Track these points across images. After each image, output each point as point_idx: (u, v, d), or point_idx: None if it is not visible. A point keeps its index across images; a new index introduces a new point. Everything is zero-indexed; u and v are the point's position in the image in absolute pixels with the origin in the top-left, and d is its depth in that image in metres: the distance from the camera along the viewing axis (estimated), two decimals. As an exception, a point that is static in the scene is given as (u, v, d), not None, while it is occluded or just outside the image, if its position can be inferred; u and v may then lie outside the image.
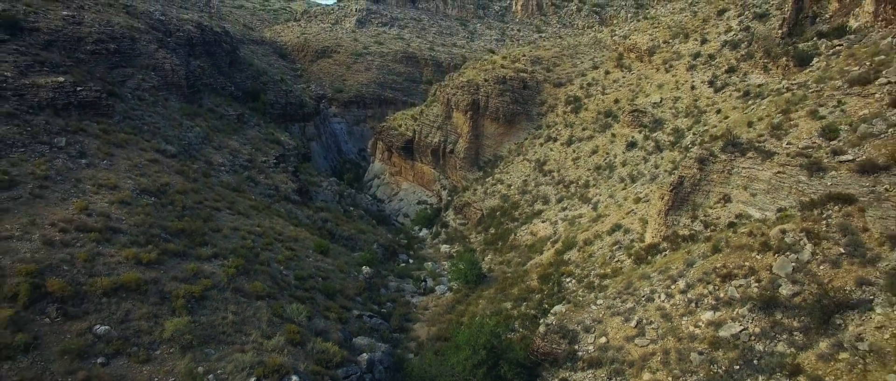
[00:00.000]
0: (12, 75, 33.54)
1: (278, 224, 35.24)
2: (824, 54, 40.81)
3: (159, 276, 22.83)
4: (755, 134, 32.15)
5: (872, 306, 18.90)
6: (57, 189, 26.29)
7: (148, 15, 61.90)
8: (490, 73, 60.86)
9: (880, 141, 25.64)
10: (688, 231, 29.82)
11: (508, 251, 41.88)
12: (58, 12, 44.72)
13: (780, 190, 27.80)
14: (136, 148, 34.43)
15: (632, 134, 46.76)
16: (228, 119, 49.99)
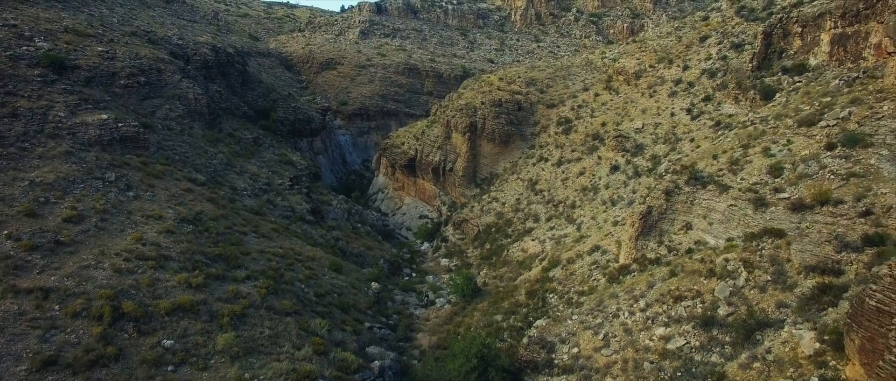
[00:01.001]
0: (65, 115, 38.63)
1: (297, 245, 40.31)
2: (785, 90, 45.93)
3: (206, 297, 27.88)
4: (716, 168, 37.19)
5: (784, 325, 23.87)
6: (115, 221, 31.35)
7: (167, 40, 67.08)
8: (487, 95, 65.88)
9: (812, 182, 30.64)
10: (654, 255, 34.80)
11: (501, 266, 46.90)
12: (94, 48, 49.82)
13: (731, 221, 32.77)
14: (172, 178, 39.50)
15: (615, 157, 51.72)
16: (245, 143, 55.10)
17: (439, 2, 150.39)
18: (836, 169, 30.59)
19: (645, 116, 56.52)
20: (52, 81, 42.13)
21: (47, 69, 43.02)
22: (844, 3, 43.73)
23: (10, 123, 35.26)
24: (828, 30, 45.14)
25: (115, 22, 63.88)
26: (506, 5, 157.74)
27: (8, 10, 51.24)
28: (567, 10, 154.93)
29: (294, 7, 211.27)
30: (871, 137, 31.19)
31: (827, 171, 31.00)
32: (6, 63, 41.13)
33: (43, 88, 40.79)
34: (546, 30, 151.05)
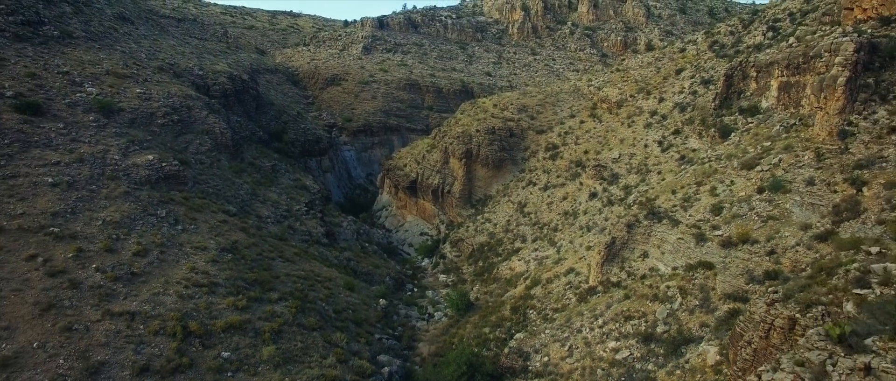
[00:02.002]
0: (119, 158, 46.13)
1: (316, 267, 47.77)
2: (740, 130, 53.31)
3: (250, 317, 35.39)
4: (671, 204, 44.64)
5: (701, 341, 31.27)
6: (171, 253, 38.84)
7: (189, 72, 74.56)
8: (482, 123, 73.27)
9: (741, 222, 38.08)
10: (616, 278, 42.20)
11: (492, 283, 54.38)
12: (133, 90, 57.36)
13: (678, 252, 40.18)
14: (209, 211, 46.99)
15: (594, 185, 59.10)
16: (265, 171, 62.58)
17: (439, 16, 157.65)
18: (760, 211, 38.02)
19: (622, 145, 63.90)
20: (103, 124, 49.63)
21: (99, 114, 50.56)
22: (789, 55, 51.24)
23: (79, 167, 42.74)
24: (776, 77, 52.51)
25: (144, 57, 71.32)
26: (504, 18, 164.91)
27: (56, 55, 58.81)
28: (563, 23, 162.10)
29: (297, 15, 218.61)
30: (791, 184, 38.57)
31: (754, 212, 38.43)
32: (67, 111, 48.70)
33: (98, 132, 48.29)
34: (542, 43, 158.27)
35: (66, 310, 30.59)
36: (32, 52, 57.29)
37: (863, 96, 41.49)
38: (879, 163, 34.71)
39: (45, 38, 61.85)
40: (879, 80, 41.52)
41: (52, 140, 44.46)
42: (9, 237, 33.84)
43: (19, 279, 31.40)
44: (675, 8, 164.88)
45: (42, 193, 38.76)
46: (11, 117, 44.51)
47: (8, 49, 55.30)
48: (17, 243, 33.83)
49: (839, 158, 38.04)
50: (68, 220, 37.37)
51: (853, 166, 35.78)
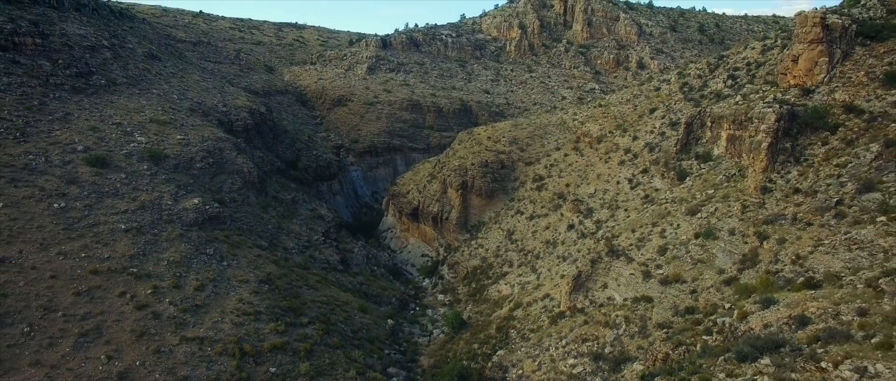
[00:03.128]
0: (171, 203, 56.68)
1: (334, 292, 58.31)
2: (694, 175, 63.55)
3: (288, 339, 45.94)
4: (628, 243, 55.03)
5: (635, 361, 41.59)
6: (221, 286, 49.40)
7: (215, 110, 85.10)
8: (477, 156, 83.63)
9: (677, 263, 48.42)
10: (581, 306, 52.57)
11: (483, 303, 64.84)
12: (174, 136, 67.91)
13: (629, 285, 50.54)
14: (245, 246, 57.55)
15: (572, 218, 69.45)
16: (286, 204, 73.14)
17: (440, 35, 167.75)
18: (693, 255, 48.37)
19: (598, 180, 74.21)
20: (155, 172, 60.19)
21: (150, 162, 61.10)
22: (735, 112, 61.40)
23: (142, 214, 53.30)
24: (726, 129, 62.61)
25: (176, 98, 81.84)
26: (501, 36, 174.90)
27: (107, 105, 69.41)
28: (558, 41, 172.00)
29: (302, 28, 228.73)
30: (719, 232, 48.87)
31: (688, 255, 48.78)
32: (125, 161, 59.27)
33: (151, 179, 58.86)
34: (538, 60, 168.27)
35: (154, 336, 41.20)
36: (88, 103, 67.96)
37: (781, 158, 51.81)
38: (780, 220, 45.00)
39: (96, 87, 72.54)
40: (796, 144, 51.79)
41: (118, 190, 55.03)
42: (103, 278, 44.44)
43: (117, 312, 42.01)
44: (665, 26, 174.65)
45: (119, 238, 49.34)
46: (86, 171, 55.12)
47: (69, 102, 66.00)
48: (110, 282, 44.44)
49: (756, 212, 48.36)
50: (142, 261, 47.96)
51: (762, 221, 46.08)
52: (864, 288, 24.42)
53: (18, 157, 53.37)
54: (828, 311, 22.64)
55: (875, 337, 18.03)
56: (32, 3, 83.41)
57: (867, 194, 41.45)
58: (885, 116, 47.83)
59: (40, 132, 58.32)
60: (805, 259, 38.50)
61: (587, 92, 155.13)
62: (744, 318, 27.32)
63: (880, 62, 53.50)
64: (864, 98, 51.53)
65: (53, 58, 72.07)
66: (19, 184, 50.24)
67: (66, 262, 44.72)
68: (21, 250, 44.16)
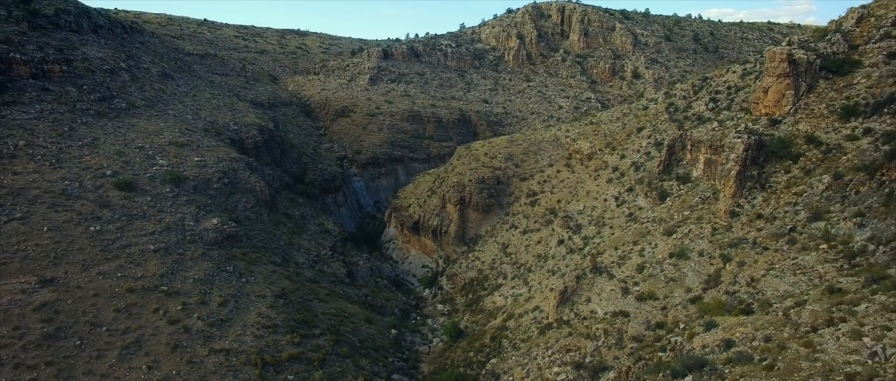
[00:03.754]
0: (193, 224, 62.57)
1: (342, 304, 64.22)
2: (674, 195, 69.32)
3: (303, 350, 51.87)
4: (611, 260, 60.88)
5: (611, 370, 47.44)
6: (242, 302, 55.33)
7: (227, 128, 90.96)
8: (474, 172, 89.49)
9: (652, 281, 54.29)
10: (567, 318, 58.44)
11: (478, 314, 70.75)
12: (192, 158, 73.78)
13: (610, 301, 56.40)
14: (261, 263, 63.47)
15: (562, 233, 75.28)
16: (296, 219, 79.03)
17: (440, 45, 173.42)
18: (667, 273, 54.23)
19: (588, 197, 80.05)
20: (177, 193, 66.07)
21: (172, 184, 66.95)
22: (711, 137, 67.14)
23: (168, 235, 59.19)
24: (703, 153, 68.37)
25: (190, 118, 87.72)
26: (500, 46, 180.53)
27: (127, 128, 75.28)
28: (555, 50, 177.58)
29: (304, 34, 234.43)
30: (690, 253, 54.61)
31: (663, 274, 54.64)
32: (150, 184, 65.16)
33: (174, 201, 64.75)
34: (536, 69, 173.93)
35: (186, 348, 47.16)
36: (112, 127, 73.86)
37: (749, 184, 57.66)
38: (742, 243, 50.84)
39: (117, 110, 78.46)
40: (762, 172, 57.62)
41: (145, 212, 60.94)
42: (138, 296, 50.39)
43: (153, 327, 47.96)
44: (661, 36, 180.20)
45: (149, 258, 55.27)
46: (116, 195, 61.03)
47: (95, 127, 71.93)
48: (144, 299, 50.38)
49: (724, 235, 54.20)
50: (171, 279, 53.90)
51: (727, 244, 51.93)
52: (780, 316, 30.17)
53: (56, 182, 59.27)
54: (748, 336, 28.41)
55: (766, 360, 23.67)
56: (55, 28, 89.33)
57: (815, 222, 47.29)
58: (838, 149, 53.64)
59: (72, 158, 64.23)
60: (758, 282, 44.39)
61: (583, 101, 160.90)
62: (691, 338, 33.14)
63: (840, 95, 59.30)
64: (824, 130, 57.33)
65: (78, 83, 78.00)
66: (59, 209, 56.14)
67: (105, 281, 50.65)
68: (66, 271, 50.10)
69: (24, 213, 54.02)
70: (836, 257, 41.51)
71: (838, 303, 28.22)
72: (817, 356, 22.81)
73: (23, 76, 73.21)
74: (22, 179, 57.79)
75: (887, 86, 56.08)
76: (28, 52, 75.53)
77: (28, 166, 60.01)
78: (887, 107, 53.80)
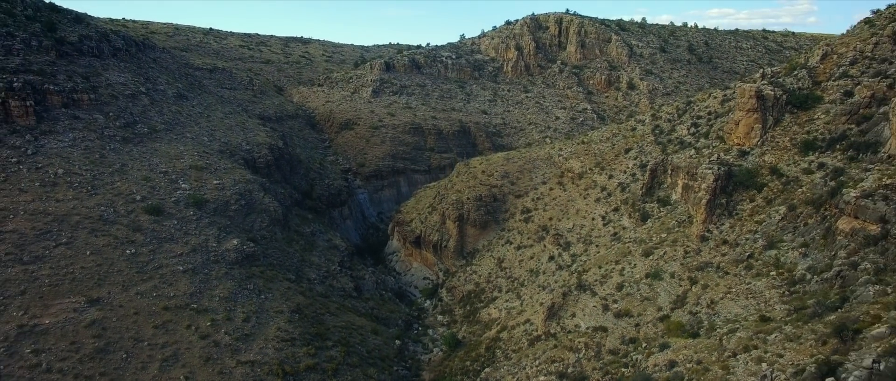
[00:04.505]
0: (215, 245, 69.81)
1: (351, 317, 71.44)
2: (654, 217, 76.35)
3: (318, 360, 59.15)
4: (594, 278, 68.04)
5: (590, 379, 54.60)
6: (263, 317, 62.56)
7: (240, 148, 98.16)
8: (472, 190, 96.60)
9: (629, 299, 61.42)
10: (553, 331, 65.57)
11: (475, 325, 77.95)
12: (211, 181, 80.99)
13: (592, 316, 63.53)
14: (277, 280, 70.70)
15: (553, 250, 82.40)
16: (306, 236, 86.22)
17: (440, 57, 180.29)
18: (643, 293, 61.33)
19: (577, 216, 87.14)
20: (199, 216, 73.29)
21: (194, 207, 74.17)
22: (689, 164, 74.19)
23: (194, 256, 66.43)
24: (682, 178, 75.40)
25: (206, 140, 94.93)
26: (499, 57, 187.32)
27: (150, 153, 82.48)
28: (553, 61, 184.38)
29: (307, 42, 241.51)
30: (664, 274, 61.74)
31: (639, 292, 61.76)
32: (175, 208, 72.38)
33: (198, 223, 71.98)
34: (534, 80, 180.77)
35: (216, 361, 54.43)
36: (137, 153, 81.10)
37: (718, 212, 64.71)
38: (708, 267, 57.94)
39: (141, 136, 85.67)
40: (730, 200, 64.65)
41: (173, 235, 68.19)
42: (173, 313, 57.65)
43: (187, 341, 55.25)
44: (656, 47, 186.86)
45: (179, 278, 62.54)
46: (146, 219, 68.28)
47: (123, 153, 79.15)
48: (178, 316, 57.65)
49: (693, 258, 61.30)
50: (199, 298, 61.16)
51: (696, 267, 59.03)
52: (716, 341, 37.22)
53: (93, 208, 66.52)
54: (688, 358, 35.41)
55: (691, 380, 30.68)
56: (80, 54, 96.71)
57: (769, 250, 54.42)
58: (795, 181, 60.67)
59: (105, 185, 71.47)
60: (716, 304, 51.56)
61: (579, 112, 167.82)
62: (648, 357, 40.22)
63: (802, 130, 66.27)
64: (786, 162, 64.35)
65: (105, 110, 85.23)
66: (98, 234, 63.41)
67: (143, 300, 57.94)
68: (109, 292, 57.39)
69: (68, 238, 61.30)
70: (781, 283, 48.68)
71: (760, 331, 35.31)
72: (728, 378, 29.91)
73: (56, 105, 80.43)
74: (64, 207, 65.05)
75: (841, 123, 63.05)
76: (59, 83, 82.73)
77: (68, 194, 67.24)
78: (839, 143, 60.80)
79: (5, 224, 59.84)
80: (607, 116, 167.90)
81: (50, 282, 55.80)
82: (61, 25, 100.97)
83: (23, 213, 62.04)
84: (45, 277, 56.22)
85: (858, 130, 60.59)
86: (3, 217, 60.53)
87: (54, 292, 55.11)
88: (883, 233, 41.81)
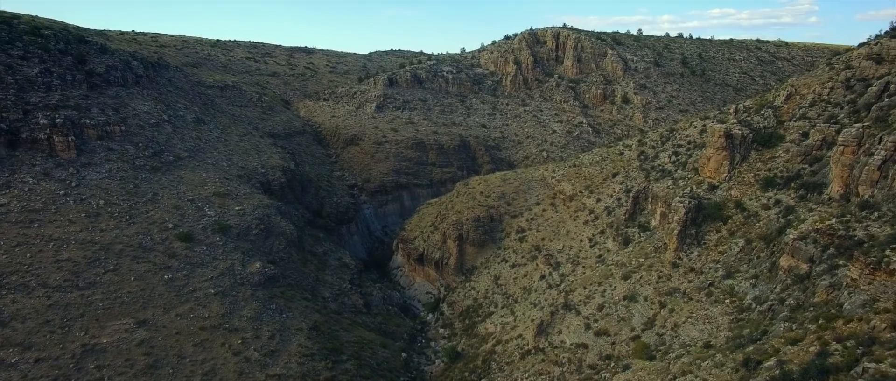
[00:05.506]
0: (241, 268, 79.24)
1: (362, 333, 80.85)
2: (635, 241, 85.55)
3: (335, 373, 68.63)
4: (579, 299, 77.43)
5: (571, 391, 63.98)
6: (285, 334, 72.00)
7: (256, 172, 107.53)
8: (471, 210, 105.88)
9: (608, 319, 70.79)
10: (542, 346, 74.92)
11: (474, 338, 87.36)
12: (234, 208, 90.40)
13: (576, 333, 72.87)
14: (296, 300, 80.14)
15: (544, 269, 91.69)
16: (319, 256, 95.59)
17: (441, 71, 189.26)
18: (620, 314, 70.60)
19: (567, 237, 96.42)
20: (225, 241, 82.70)
21: (220, 233, 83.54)
22: (666, 194, 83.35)
23: (223, 279, 75.84)
24: (660, 206, 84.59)
25: (225, 165, 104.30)
26: (498, 70, 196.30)
27: (177, 181, 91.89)
28: (550, 75, 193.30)
29: (311, 52, 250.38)
30: (638, 296, 71.01)
31: (616, 313, 71.09)
32: (203, 235, 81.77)
33: (224, 248, 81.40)
34: (532, 94, 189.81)
35: (249, 375, 63.93)
36: (166, 181, 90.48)
37: (689, 241, 74.00)
38: (676, 293, 67.23)
39: (167, 164, 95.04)
40: (700, 231, 73.91)
41: (203, 260, 77.63)
42: (208, 333, 67.12)
43: (222, 358, 64.74)
44: (650, 61, 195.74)
45: (212, 300, 72.00)
46: (179, 246, 77.71)
47: (153, 182, 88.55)
48: (213, 335, 67.12)
49: (665, 283, 70.59)
50: (230, 318, 70.63)
51: (665, 292, 68.33)
52: (665, 364, 46.45)
53: (133, 237, 75.95)
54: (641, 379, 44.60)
55: (638, 400, 39.87)
56: (107, 85, 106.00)
57: (727, 279, 63.73)
58: (755, 216, 69.90)
59: (141, 214, 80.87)
60: (679, 328, 60.91)
61: (575, 126, 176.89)
62: (613, 375, 49.53)
63: (764, 167, 75.46)
64: (749, 197, 73.56)
65: (134, 141, 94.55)
66: (139, 260, 72.86)
67: (182, 321, 67.41)
68: (153, 314, 66.87)
69: (115, 265, 70.77)
70: (732, 311, 58.04)
71: (699, 357, 44.62)
72: (665, 398, 39.23)
73: (92, 138, 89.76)
74: (108, 236, 74.48)
75: (797, 163, 72.24)
76: (93, 116, 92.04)
77: (110, 223, 76.67)
78: (794, 182, 69.99)
79: (61, 253, 69.32)
80: (602, 130, 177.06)
81: (103, 306, 65.31)
82: (89, 57, 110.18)
83: (74, 242, 71.48)
84: (99, 301, 65.72)
85: (810, 170, 69.80)
86: (58, 247, 70.00)
87: (108, 315, 64.60)
88: (808, 273, 51.10)
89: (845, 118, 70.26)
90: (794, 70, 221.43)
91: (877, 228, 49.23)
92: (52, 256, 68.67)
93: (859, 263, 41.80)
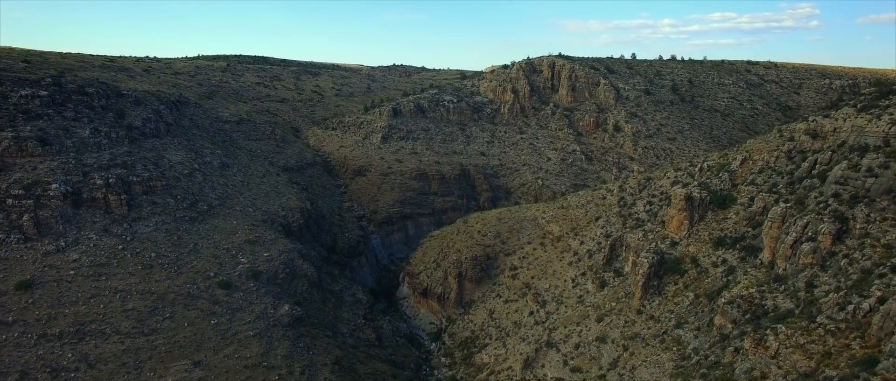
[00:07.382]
0: (272, 311, 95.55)
1: (376, 365, 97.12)
2: (610, 285, 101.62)
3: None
4: (560, 337, 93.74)
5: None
6: (313, 370, 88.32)
7: (277, 215, 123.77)
8: (470, 249, 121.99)
9: (583, 358, 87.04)
10: (528, 378, 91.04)
11: (471, 367, 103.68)
12: (262, 254, 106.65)
13: (555, 368, 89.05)
14: (320, 337, 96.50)
15: (532, 306, 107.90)
16: (336, 294, 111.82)
17: (443, 102, 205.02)
18: (592, 353, 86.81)
19: (553, 277, 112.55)
20: (258, 287, 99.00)
21: (253, 279, 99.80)
22: (637, 245, 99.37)
23: (258, 322, 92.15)
24: (631, 255, 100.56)
25: (251, 211, 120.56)
26: (497, 98, 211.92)
27: (212, 230, 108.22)
28: (546, 103, 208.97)
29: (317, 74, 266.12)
30: (608, 339, 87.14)
31: (589, 353, 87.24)
32: (239, 281, 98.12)
33: (257, 293, 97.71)
34: (528, 122, 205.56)
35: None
36: (203, 231, 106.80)
37: (651, 291, 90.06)
38: (637, 337, 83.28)
39: (202, 214, 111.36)
40: (661, 282, 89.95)
41: (241, 305, 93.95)
42: (251, 371, 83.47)
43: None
44: (641, 89, 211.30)
45: (251, 341, 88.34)
46: (220, 293, 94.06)
47: (192, 233, 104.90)
48: (255, 373, 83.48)
49: (629, 328, 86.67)
50: (267, 357, 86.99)
51: (629, 336, 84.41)
52: (614, 409, 62.47)
53: (183, 286, 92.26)
54: (595, 420, 60.50)
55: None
56: (144, 137, 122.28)
57: (677, 329, 79.82)
58: (705, 272, 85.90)
59: (186, 264, 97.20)
60: (635, 370, 77.08)
61: (569, 153, 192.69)
62: (577, 414, 65.66)
63: (718, 227, 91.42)
64: (703, 254, 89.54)
65: (173, 193, 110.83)
66: (189, 308, 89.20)
67: (229, 361, 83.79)
68: (205, 355, 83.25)
69: (170, 313, 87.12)
70: (677, 358, 74.18)
71: (638, 404, 60.72)
72: (606, 437, 55.23)
73: (138, 193, 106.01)
74: (162, 286, 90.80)
75: (743, 226, 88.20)
76: (138, 173, 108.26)
77: (162, 274, 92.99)
78: (739, 244, 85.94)
79: (127, 303, 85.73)
80: (595, 157, 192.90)
81: (165, 349, 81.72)
82: (127, 110, 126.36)
83: (136, 293, 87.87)
84: (162, 345, 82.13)
85: (752, 233, 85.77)
86: (124, 297, 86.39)
87: (169, 357, 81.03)
88: (729, 333, 67.17)
89: (783, 188, 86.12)
90: (781, 93, 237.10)
91: (781, 300, 65.28)
92: (119, 306, 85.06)
93: (750, 337, 57.81)
